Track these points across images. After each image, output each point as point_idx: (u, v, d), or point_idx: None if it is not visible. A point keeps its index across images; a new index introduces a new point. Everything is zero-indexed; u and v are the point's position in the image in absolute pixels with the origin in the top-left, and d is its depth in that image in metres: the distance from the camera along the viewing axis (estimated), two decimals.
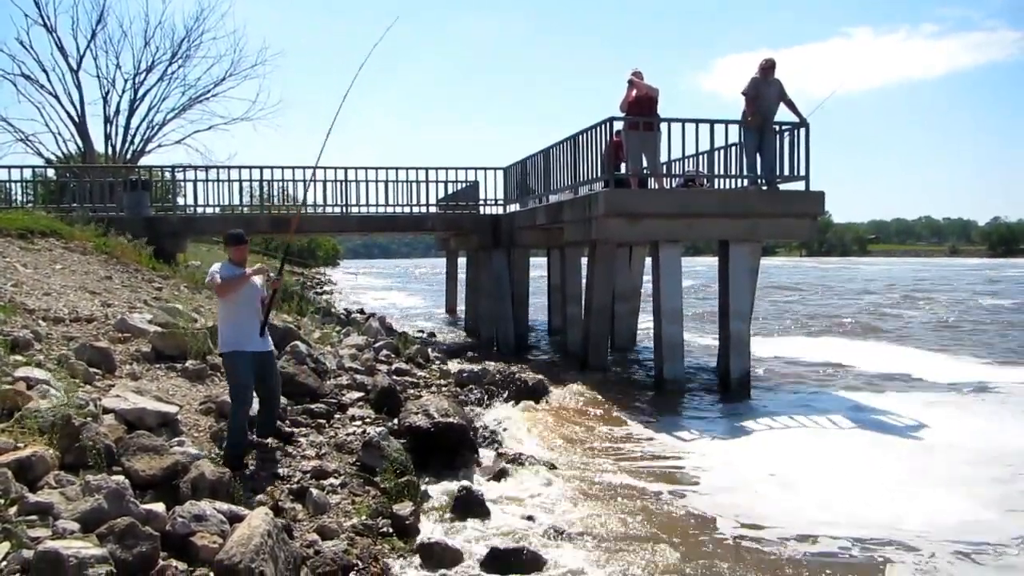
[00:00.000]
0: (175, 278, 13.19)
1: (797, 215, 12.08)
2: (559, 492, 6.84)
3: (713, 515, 6.36)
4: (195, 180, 18.61)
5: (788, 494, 6.87)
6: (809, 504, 6.59)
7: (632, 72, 12.04)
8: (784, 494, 6.88)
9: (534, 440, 8.64)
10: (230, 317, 6.01)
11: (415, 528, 5.43)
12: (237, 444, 5.84)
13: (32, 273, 9.94)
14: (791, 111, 11.84)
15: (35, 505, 4.05)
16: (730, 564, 5.38)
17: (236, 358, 5.93)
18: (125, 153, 28.81)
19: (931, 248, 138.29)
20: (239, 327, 5.98)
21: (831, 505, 6.56)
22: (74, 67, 28.19)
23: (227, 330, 6.01)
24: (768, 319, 22.45)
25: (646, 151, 11.84)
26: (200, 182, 18.39)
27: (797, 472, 7.52)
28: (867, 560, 5.51)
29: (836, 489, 7.02)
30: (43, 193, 20.09)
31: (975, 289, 36.44)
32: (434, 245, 27.61)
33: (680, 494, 6.92)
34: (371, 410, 8.27)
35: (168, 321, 8.67)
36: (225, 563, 3.90)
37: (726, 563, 5.39)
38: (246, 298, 6.03)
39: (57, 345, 7.09)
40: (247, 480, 5.69)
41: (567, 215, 13.05)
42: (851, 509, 6.47)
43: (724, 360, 11.85)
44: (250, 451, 6.05)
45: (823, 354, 15.82)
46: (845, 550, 5.66)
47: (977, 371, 13.72)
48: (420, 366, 11.95)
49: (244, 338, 5.97)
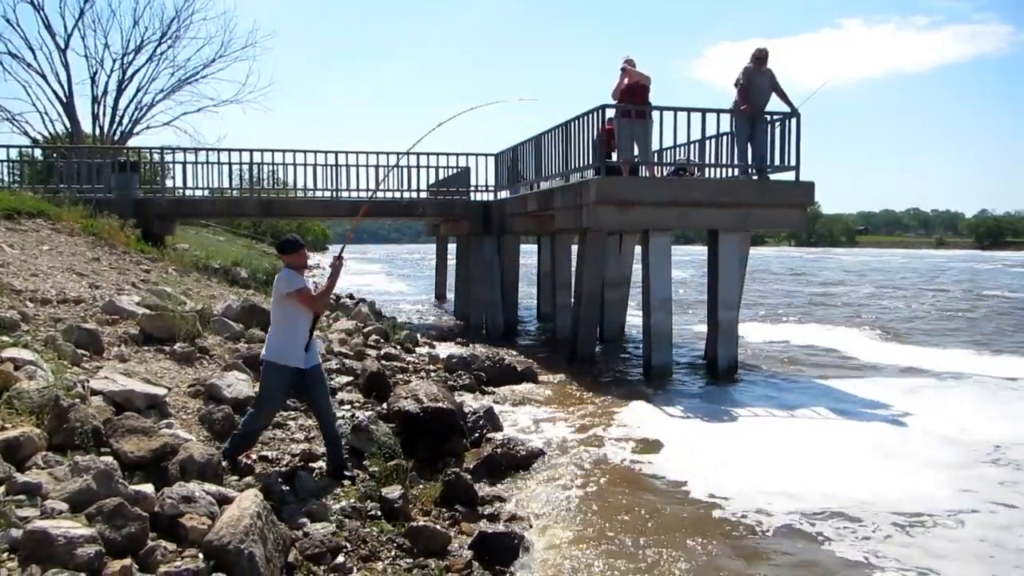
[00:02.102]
0: (163, 260, 13.15)
1: (787, 205, 12.14)
2: (546, 477, 6.89)
3: (697, 501, 6.44)
4: (184, 162, 18.49)
5: (757, 472, 7.09)
6: (774, 482, 6.81)
7: (624, 60, 12.03)
8: (752, 472, 7.09)
9: (522, 425, 8.70)
10: (288, 327, 5.63)
11: (404, 512, 5.45)
12: (236, 448, 5.63)
13: (19, 254, 9.87)
14: (783, 101, 11.87)
15: (24, 485, 4.04)
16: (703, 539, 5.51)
17: (275, 369, 5.63)
18: (113, 134, 28.61)
19: (919, 240, 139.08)
20: (293, 338, 5.63)
21: (799, 483, 6.81)
22: (62, 46, 27.96)
23: (281, 339, 5.64)
24: (756, 305, 22.60)
25: (638, 139, 11.86)
26: (189, 164, 18.28)
27: (772, 454, 7.70)
28: (811, 531, 5.85)
29: (806, 469, 7.27)
30: (30, 173, 19.93)
31: (954, 279, 36.76)
32: (424, 231, 27.54)
33: (662, 476, 7.00)
34: (360, 394, 8.28)
35: (157, 303, 8.63)
36: (214, 544, 3.91)
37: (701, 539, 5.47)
38: (303, 309, 5.69)
39: (44, 326, 7.05)
40: (236, 463, 5.70)
41: (558, 202, 13.06)
42: (817, 486, 6.72)
43: (712, 348, 11.93)
44: (245, 451, 5.83)
45: (809, 341, 15.98)
46: (795, 520, 6.03)
47: (959, 360, 13.88)
48: (409, 351, 11.98)
49: (292, 351, 5.62)
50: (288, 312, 5.62)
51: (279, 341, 5.63)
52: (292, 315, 5.62)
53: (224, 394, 6.59)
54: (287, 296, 5.59)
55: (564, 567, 5.14)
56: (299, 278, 5.64)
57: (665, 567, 5.16)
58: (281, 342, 5.62)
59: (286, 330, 5.62)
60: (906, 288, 32.31)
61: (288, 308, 5.61)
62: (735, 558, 5.38)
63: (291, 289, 5.57)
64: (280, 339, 5.63)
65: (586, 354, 12.73)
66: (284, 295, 5.60)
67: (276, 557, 4.20)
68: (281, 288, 5.62)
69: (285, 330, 5.63)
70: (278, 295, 5.66)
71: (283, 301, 5.63)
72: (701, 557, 5.35)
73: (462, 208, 18.59)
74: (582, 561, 5.21)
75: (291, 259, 5.73)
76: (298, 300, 5.59)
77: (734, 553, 5.46)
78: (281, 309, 5.66)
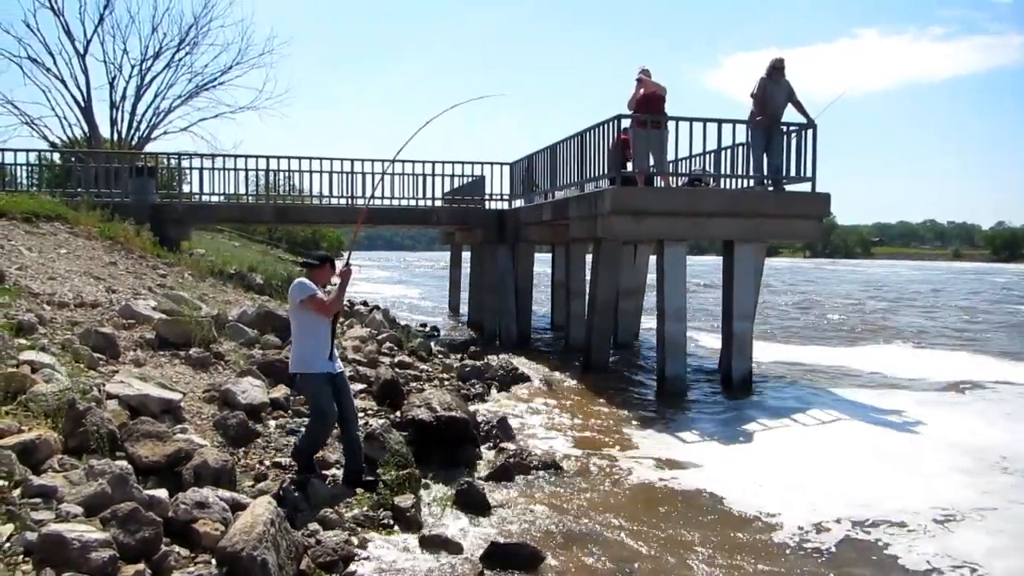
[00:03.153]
0: (180, 265, 13.21)
1: (803, 216, 12.07)
2: (561, 488, 6.85)
3: (715, 508, 6.38)
4: (200, 168, 18.64)
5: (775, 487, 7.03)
6: (794, 495, 6.76)
7: (640, 70, 12.03)
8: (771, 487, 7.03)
9: (536, 436, 8.66)
10: (310, 336, 5.73)
11: (416, 520, 5.44)
12: (306, 456, 5.83)
13: (37, 257, 9.95)
14: (799, 112, 11.82)
15: (39, 488, 4.06)
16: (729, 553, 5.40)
17: (311, 378, 5.72)
18: (131, 139, 28.83)
19: (935, 252, 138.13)
20: (316, 347, 5.71)
21: (822, 494, 6.78)
22: (81, 51, 28.25)
23: (306, 349, 5.72)
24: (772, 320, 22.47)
25: (653, 149, 11.83)
26: (206, 170, 18.41)
27: (787, 468, 7.64)
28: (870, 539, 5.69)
29: (824, 479, 7.26)
30: (48, 177, 20.11)
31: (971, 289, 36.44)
32: (438, 239, 27.56)
33: (680, 489, 6.92)
34: (373, 402, 8.29)
35: (172, 308, 8.67)
36: (228, 550, 3.91)
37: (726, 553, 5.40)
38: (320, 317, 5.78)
39: (62, 329, 7.10)
40: (249, 469, 5.70)
41: (573, 211, 13.04)
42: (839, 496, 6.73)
43: (726, 359, 11.85)
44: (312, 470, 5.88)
45: (823, 354, 15.84)
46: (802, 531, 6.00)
47: (972, 370, 13.82)
48: (423, 359, 11.96)
49: (316, 358, 5.71)
50: (307, 321, 5.71)
51: (304, 351, 5.72)
52: (312, 324, 5.71)
53: (239, 400, 6.61)
54: (301, 304, 5.67)
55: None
56: (309, 285, 5.73)
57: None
58: (305, 352, 5.71)
59: (308, 339, 5.72)
60: (928, 298, 32.03)
61: (306, 317, 5.71)
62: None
63: (303, 296, 5.66)
64: (304, 349, 5.72)
65: (600, 363, 12.68)
66: (298, 303, 5.69)
67: (288, 564, 4.20)
68: (295, 295, 5.72)
69: (307, 339, 5.72)
70: (293, 304, 5.77)
71: (299, 311, 5.73)
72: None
73: (477, 216, 18.60)
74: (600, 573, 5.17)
75: (318, 273, 5.88)
76: (311, 307, 5.66)
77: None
78: (300, 319, 5.76)
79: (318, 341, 5.72)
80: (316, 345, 5.71)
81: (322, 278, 5.90)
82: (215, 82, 30.39)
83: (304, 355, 5.71)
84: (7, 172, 18.26)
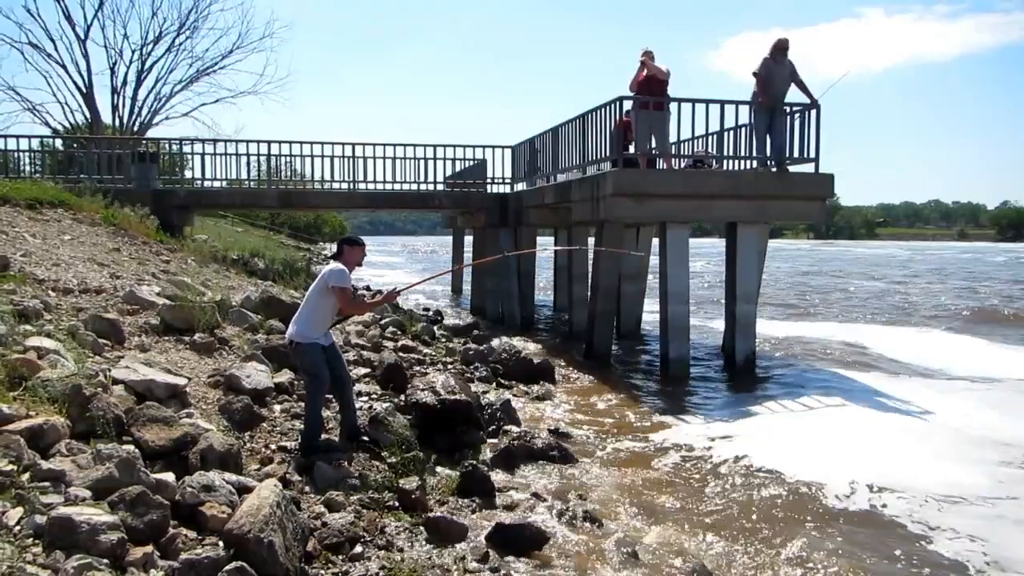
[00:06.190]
0: (182, 251, 13.24)
1: (806, 197, 12.04)
2: (565, 470, 6.89)
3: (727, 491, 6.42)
4: (203, 153, 18.63)
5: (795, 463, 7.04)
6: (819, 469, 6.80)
7: (643, 52, 11.95)
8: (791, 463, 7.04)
9: (540, 419, 8.70)
10: (319, 314, 6.05)
11: (421, 503, 5.48)
12: (312, 440, 5.93)
13: (41, 243, 9.97)
14: (802, 92, 11.75)
15: (48, 472, 4.09)
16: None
17: (307, 347, 5.97)
18: (132, 125, 28.80)
19: (939, 232, 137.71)
20: (315, 323, 6.04)
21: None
22: (81, 36, 28.20)
23: (308, 323, 6.01)
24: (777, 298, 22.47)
25: (655, 131, 11.79)
26: (208, 155, 18.40)
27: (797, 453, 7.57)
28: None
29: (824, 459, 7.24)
30: (51, 163, 20.12)
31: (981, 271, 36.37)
32: (440, 223, 27.54)
33: (687, 471, 6.97)
34: (377, 386, 8.32)
35: (176, 294, 8.70)
36: (235, 532, 3.95)
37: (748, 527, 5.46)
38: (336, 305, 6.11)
39: (66, 316, 7.12)
40: (255, 453, 5.74)
41: (575, 194, 13.02)
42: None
43: (730, 341, 11.87)
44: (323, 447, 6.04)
45: (830, 335, 15.83)
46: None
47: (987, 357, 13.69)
48: (426, 343, 11.99)
49: (314, 332, 6.01)
50: (325, 303, 6.03)
51: (304, 324, 6.02)
52: (327, 307, 6.05)
53: (243, 384, 6.64)
54: (330, 288, 5.95)
55: (586, 563, 5.14)
56: (348, 277, 6.02)
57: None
58: (305, 324, 6.01)
59: (316, 315, 6.04)
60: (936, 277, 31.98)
61: (326, 300, 6.01)
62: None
63: (339, 283, 5.93)
64: (307, 322, 6.02)
65: (603, 347, 12.70)
66: (329, 286, 5.95)
67: (295, 546, 4.23)
68: (331, 279, 5.96)
69: (316, 315, 6.04)
70: (323, 283, 6.00)
71: (325, 292, 5.99)
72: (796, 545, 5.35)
73: (479, 200, 18.58)
74: (606, 554, 5.21)
75: (351, 254, 6.17)
76: (339, 298, 5.97)
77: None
78: (319, 298, 6.04)
79: (322, 320, 6.07)
80: (320, 323, 6.06)
81: (355, 258, 6.21)
82: (216, 66, 30.39)
83: (305, 327, 5.99)
84: (10, 159, 18.27)
